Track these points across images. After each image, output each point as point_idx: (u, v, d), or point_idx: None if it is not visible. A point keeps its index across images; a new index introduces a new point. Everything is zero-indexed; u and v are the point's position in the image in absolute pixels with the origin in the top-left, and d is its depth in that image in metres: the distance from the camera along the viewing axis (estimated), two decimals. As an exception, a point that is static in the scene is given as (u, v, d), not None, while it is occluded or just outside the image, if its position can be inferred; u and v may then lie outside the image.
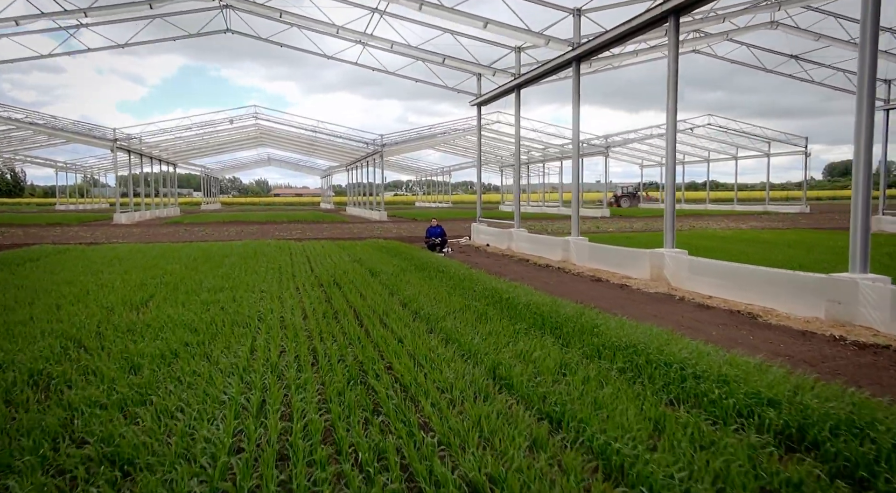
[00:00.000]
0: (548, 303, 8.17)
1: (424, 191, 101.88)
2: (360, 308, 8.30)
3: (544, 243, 15.74)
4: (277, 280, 11.06)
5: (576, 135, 14.31)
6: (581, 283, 11.62)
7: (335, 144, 50.43)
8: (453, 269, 12.38)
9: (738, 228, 27.13)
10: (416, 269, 12.78)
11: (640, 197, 67.53)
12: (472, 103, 21.59)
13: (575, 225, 14.48)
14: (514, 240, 17.90)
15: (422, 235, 25.95)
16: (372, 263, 13.68)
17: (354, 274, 11.81)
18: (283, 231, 28.74)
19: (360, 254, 15.78)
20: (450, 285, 10.46)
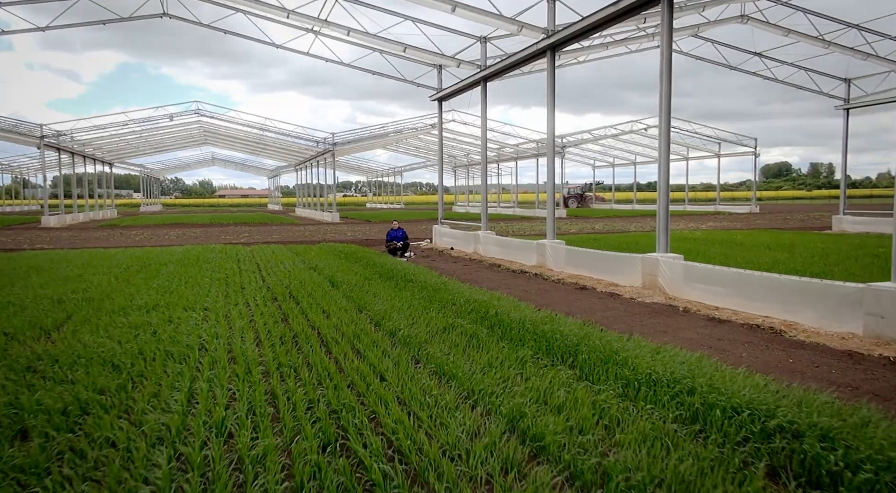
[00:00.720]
0: (543, 320, 7.03)
1: (374, 192, 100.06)
2: (324, 330, 6.96)
3: (516, 247, 14.67)
4: (224, 294, 9.56)
5: (551, 132, 13.29)
6: (565, 291, 10.56)
7: (283, 143, 48.31)
8: (422, 277, 11.14)
9: (702, 229, 26.83)
10: (382, 277, 11.47)
11: (589, 198, 67.45)
12: (432, 98, 20.38)
13: (550, 227, 13.46)
14: (481, 243, 16.78)
15: (379, 237, 24.58)
16: (331, 270, 12.29)
17: (313, 285, 10.41)
18: (229, 234, 26.82)
19: (316, 260, 14.33)
20: (424, 297, 9.21)
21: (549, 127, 13.31)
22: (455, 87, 18.45)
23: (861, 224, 22.93)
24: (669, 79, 9.76)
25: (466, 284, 11.00)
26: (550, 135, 13.31)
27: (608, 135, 48.76)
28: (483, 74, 16.29)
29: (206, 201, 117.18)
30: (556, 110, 13.23)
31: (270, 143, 49.55)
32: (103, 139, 42.54)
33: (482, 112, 16.76)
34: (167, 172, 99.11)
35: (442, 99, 20.16)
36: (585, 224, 32.87)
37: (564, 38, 12.36)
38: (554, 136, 13.31)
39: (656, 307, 8.91)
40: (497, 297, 8.94)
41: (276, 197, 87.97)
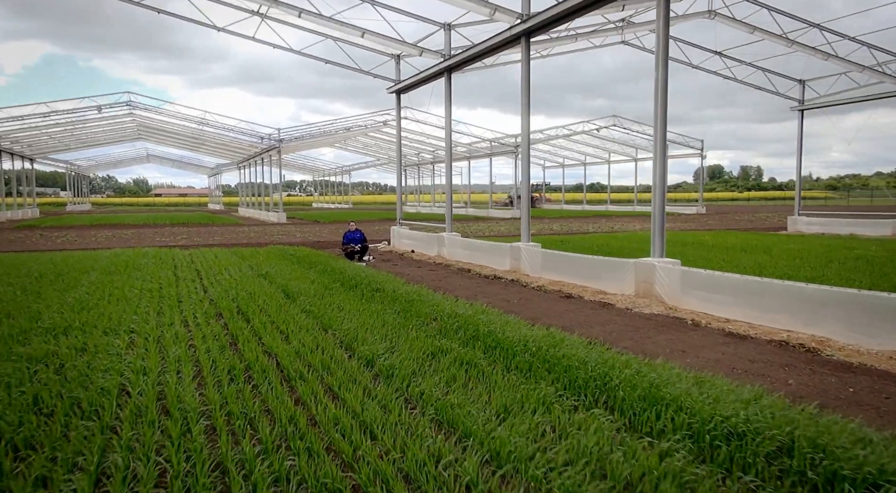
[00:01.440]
0: (544, 339, 5.92)
1: (320, 191, 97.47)
2: (284, 358, 5.62)
3: (487, 250, 13.56)
4: (156, 310, 8.03)
5: (525, 129, 12.24)
6: (550, 301, 9.50)
7: (225, 140, 45.80)
8: (390, 285, 9.88)
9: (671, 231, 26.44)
10: (344, 286, 10.13)
11: (537, 198, 67.07)
12: (390, 90, 19.06)
13: (525, 229, 12.40)
14: (445, 246, 15.60)
15: (332, 239, 23.06)
16: (284, 278, 10.85)
17: (265, 296, 8.99)
18: (166, 236, 24.69)
19: (266, 265, 12.82)
20: (397, 310, 7.96)
21: (524, 125, 12.26)
22: (416, 78, 17.21)
23: (816, 225, 22.98)
24: (666, 65, 8.84)
25: (439, 292, 9.80)
26: (525, 130, 12.26)
27: (560, 135, 48.50)
28: (447, 64, 15.11)
29: (141, 201, 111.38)
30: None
31: (211, 139, 46.92)
32: (23, 131, 39.11)
33: (446, 105, 15.57)
34: (98, 170, 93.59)
35: (400, 91, 18.87)
36: (542, 225, 32.18)
37: (543, 22, 11.33)
38: (529, 134, 12.28)
39: (659, 320, 7.93)
40: (481, 310, 7.78)
41: (217, 196, 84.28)
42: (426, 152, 56.98)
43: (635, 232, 24.13)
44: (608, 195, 62.18)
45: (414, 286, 10.10)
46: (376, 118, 42.78)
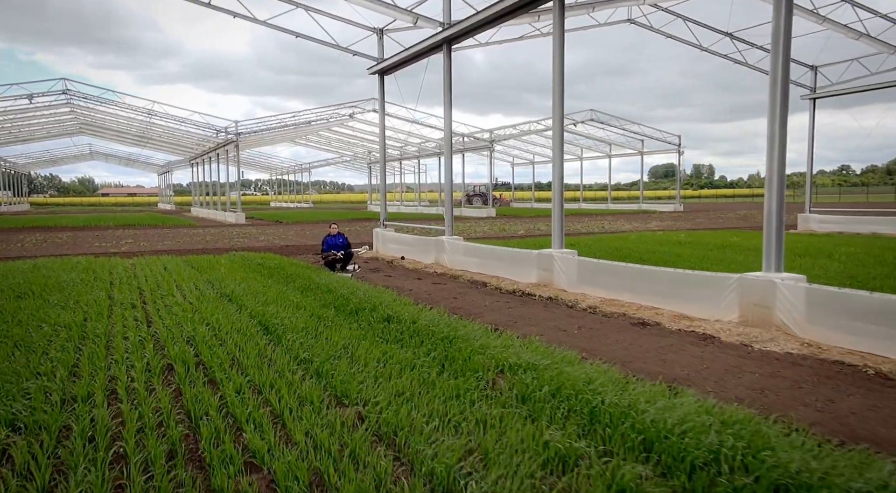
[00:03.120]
0: (694, 419, 3.56)
1: (276, 190, 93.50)
2: (282, 477, 3.07)
3: (505, 259, 11.11)
4: (70, 362, 5.31)
5: (558, 112, 9.86)
6: (622, 330, 7.11)
7: (176, 134, 42.12)
8: (399, 309, 7.40)
9: (664, 230, 24.59)
10: (339, 312, 7.54)
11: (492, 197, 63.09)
12: (371, 70, 16.44)
13: (557, 233, 9.99)
14: (446, 252, 13.10)
15: (299, 242, 20.23)
16: (256, 300, 8.20)
17: (235, 333, 6.34)
18: (107, 240, 21.41)
19: (230, 280, 10.09)
20: (432, 355, 5.47)
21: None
22: (405, 53, 14.62)
23: (831, 223, 21.36)
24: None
25: (466, 317, 7.38)
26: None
27: (532, 131, 46.38)
28: (448, 34, 12.58)
29: (86, 201, 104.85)
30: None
31: (160, 133, 43.14)
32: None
33: (445, 86, 13.05)
34: (37, 167, 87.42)
35: (384, 71, 16.26)
36: (526, 225, 29.94)
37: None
38: (562, 115, 9.91)
39: (814, 366, 5.62)
40: (559, 357, 5.34)
41: (168, 196, 79.48)
42: (393, 148, 54.22)
43: (632, 233, 22.07)
44: (580, 194, 60.64)
45: (429, 310, 7.61)
46: (341, 111, 39.83)
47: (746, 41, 20.05)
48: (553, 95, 9.95)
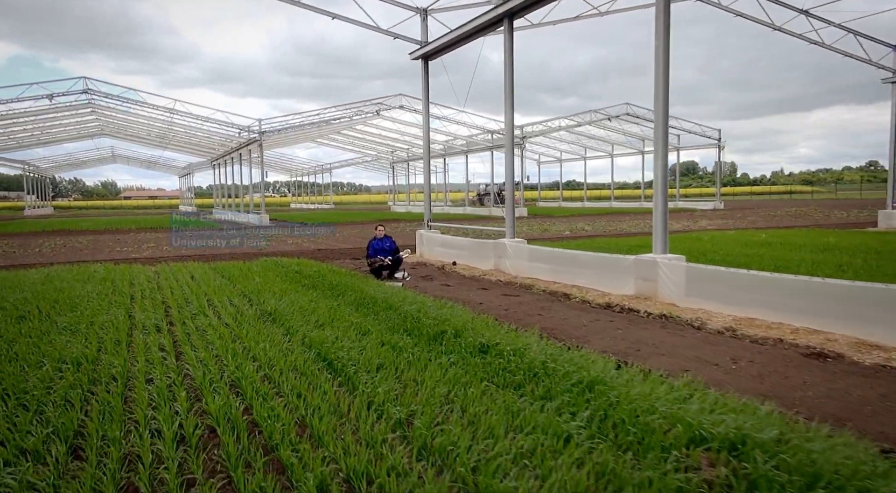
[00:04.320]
0: None
1: (294, 192, 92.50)
2: None
3: (590, 266, 9.45)
4: (75, 423, 3.78)
5: (662, 97, 8.21)
6: (797, 366, 5.44)
7: (199, 135, 41.02)
8: (496, 336, 5.80)
9: (718, 229, 22.73)
10: (417, 338, 5.96)
11: None
12: (414, 55, 14.89)
13: (660, 236, 8.32)
14: (509, 257, 11.49)
15: (332, 246, 18.72)
16: (305, 321, 6.67)
17: (288, 372, 4.80)
18: (128, 244, 20.12)
19: (267, 293, 8.60)
20: (582, 419, 3.84)
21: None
22: (455, 34, 13.03)
23: None
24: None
25: (574, 344, 5.74)
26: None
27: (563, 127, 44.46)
28: (509, 6, 10.97)
29: (109, 204, 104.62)
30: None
31: (182, 133, 42.08)
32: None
33: (507, 66, 11.43)
34: (60, 171, 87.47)
35: (428, 56, 14.68)
36: (560, 224, 28.19)
37: None
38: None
39: None
40: (778, 420, 3.70)
41: (189, 198, 78.84)
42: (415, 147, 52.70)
43: (734, 232, 20.22)
44: (612, 192, 58.62)
45: (525, 334, 6.02)
46: (365, 109, 38.32)
47: (823, 19, 18.16)
48: (656, 78, 8.28)
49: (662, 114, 8.22)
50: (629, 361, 5.36)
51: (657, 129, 8.35)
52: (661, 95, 8.16)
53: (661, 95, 8.23)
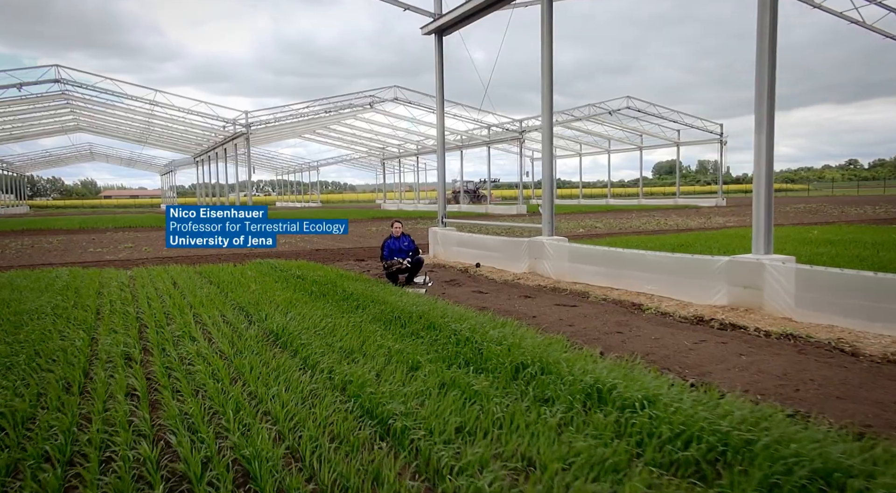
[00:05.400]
0: None
1: (279, 190, 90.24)
2: None
3: (664, 269, 7.81)
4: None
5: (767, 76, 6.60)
6: None
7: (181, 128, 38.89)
8: (594, 369, 4.15)
9: (740, 226, 21.32)
10: (486, 372, 4.26)
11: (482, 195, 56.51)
12: (426, 30, 13.19)
13: (764, 231, 6.71)
14: (549, 258, 9.85)
15: (330, 246, 16.96)
16: (326, 345, 4.98)
17: (327, 444, 3.10)
18: (104, 245, 18.19)
19: (268, 305, 6.90)
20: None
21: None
22: (475, 3, 11.34)
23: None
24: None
25: (699, 381, 4.13)
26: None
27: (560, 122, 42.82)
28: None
29: (88, 203, 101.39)
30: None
31: (163, 128, 39.95)
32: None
33: (545, 38, 9.77)
34: (37, 169, 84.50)
35: (442, 30, 12.98)
36: (567, 222, 26.63)
37: None
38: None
39: None
40: None
41: (171, 197, 76.28)
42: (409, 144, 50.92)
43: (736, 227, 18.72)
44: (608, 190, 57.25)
45: (633, 367, 4.39)
46: (357, 102, 36.37)
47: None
48: (759, 57, 6.67)
49: (767, 99, 6.59)
50: (812, 413, 3.72)
51: (760, 122, 6.73)
52: (767, 75, 6.54)
53: (765, 74, 6.61)
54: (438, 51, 13.26)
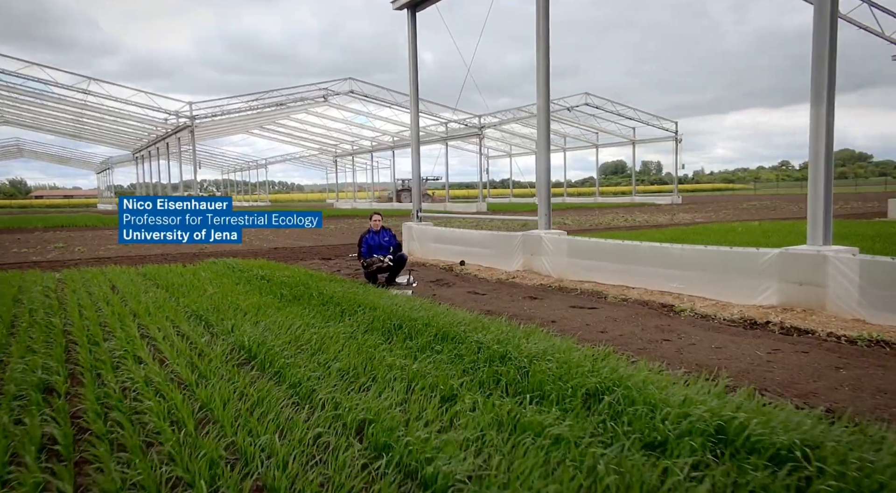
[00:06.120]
0: None
1: (223, 190, 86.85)
2: None
3: (696, 264, 6.85)
4: None
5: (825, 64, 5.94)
6: None
7: (118, 118, 36.18)
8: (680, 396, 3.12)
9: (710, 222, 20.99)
10: (543, 401, 3.14)
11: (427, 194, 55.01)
12: (397, 5, 11.98)
13: (821, 219, 5.83)
14: (547, 253, 8.82)
15: (287, 244, 15.49)
16: (317, 367, 3.77)
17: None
18: (31, 245, 16.16)
19: (231, 312, 5.60)
20: None
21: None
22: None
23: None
24: None
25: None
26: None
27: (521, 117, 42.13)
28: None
29: (17, 203, 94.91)
30: None
31: (99, 120, 37.14)
32: None
33: (540, 4, 8.74)
34: (-44, 166, 78.46)
35: (416, 5, 11.81)
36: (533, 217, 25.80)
37: None
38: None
39: None
40: None
41: (109, 197, 72.08)
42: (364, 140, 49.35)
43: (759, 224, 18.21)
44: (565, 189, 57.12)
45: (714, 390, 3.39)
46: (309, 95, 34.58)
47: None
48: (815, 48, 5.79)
49: (829, 62, 5.72)
50: None
51: (818, 93, 5.85)
52: (828, 34, 5.66)
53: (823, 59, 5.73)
54: (412, 28, 12.06)
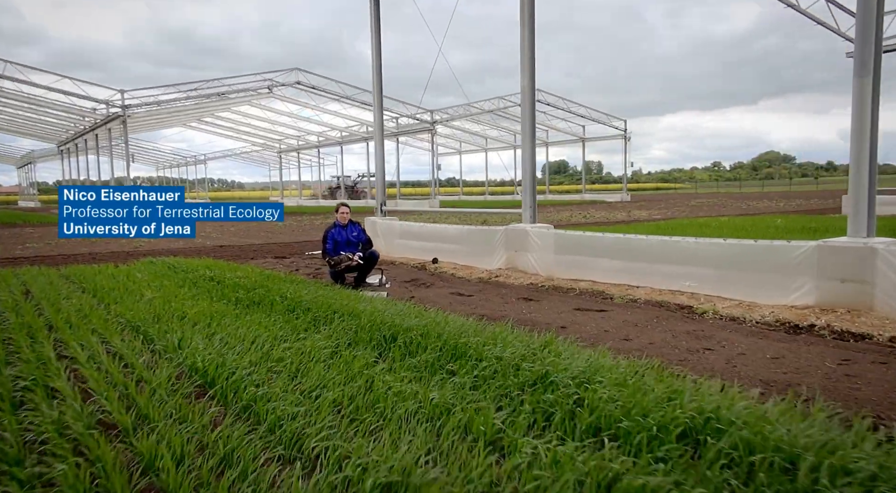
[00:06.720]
0: None
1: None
2: None
3: (713, 259, 6.15)
4: None
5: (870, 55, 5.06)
6: None
7: (40, 107, 33.33)
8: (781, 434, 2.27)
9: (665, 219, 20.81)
10: (623, 442, 2.26)
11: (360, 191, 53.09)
12: (361, -19, 10.93)
13: (866, 207, 5.21)
14: (533, 250, 8.01)
15: (237, 241, 14.15)
16: (284, 391, 2.76)
17: None
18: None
19: (174, 321, 4.50)
20: None
21: None
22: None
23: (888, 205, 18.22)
24: None
25: None
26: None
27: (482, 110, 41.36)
28: None
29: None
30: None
31: (17, 107, 34.12)
32: None
33: None
34: None
35: (381, -19, 10.80)
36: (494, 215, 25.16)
37: None
38: None
39: None
40: None
41: (32, 194, 67.26)
42: (310, 136, 47.58)
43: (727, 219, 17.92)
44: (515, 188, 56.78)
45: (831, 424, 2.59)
46: (253, 86, 32.78)
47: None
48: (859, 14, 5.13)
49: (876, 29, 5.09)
50: None
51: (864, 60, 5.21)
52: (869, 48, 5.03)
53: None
54: (374, 11, 11.03)
